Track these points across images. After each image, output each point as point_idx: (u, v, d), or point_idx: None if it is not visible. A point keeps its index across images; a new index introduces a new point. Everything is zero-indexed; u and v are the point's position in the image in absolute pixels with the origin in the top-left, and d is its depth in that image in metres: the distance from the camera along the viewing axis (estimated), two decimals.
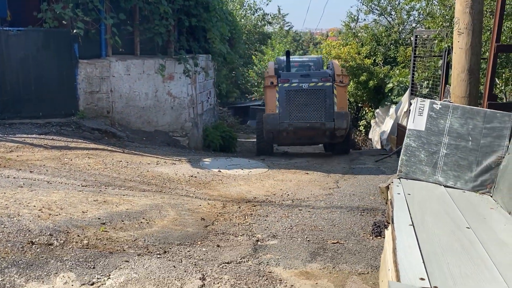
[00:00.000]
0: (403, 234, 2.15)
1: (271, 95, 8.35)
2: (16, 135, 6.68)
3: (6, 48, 7.33)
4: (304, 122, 8.28)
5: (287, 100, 8.27)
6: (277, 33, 31.85)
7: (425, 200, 2.80)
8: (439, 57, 9.60)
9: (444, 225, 2.34)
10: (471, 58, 4.57)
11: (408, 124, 3.34)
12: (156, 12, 8.63)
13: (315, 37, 41.19)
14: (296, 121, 8.27)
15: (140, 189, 5.10)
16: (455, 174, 3.18)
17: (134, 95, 8.71)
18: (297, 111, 8.28)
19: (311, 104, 8.29)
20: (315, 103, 8.30)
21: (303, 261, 3.52)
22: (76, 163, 5.80)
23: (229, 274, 3.16)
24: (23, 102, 7.55)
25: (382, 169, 7.83)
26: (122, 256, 3.24)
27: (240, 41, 15.50)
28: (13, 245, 3.14)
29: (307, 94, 8.27)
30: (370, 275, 3.34)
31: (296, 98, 8.31)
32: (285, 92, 8.24)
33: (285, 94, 8.24)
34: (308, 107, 8.27)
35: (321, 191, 5.91)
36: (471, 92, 4.62)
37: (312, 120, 8.28)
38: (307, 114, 8.28)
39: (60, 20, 7.55)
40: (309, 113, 8.29)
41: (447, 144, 3.22)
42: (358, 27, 17.81)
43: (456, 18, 4.65)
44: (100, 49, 8.31)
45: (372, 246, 3.91)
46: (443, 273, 1.79)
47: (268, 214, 4.71)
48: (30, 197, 4.15)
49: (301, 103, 8.28)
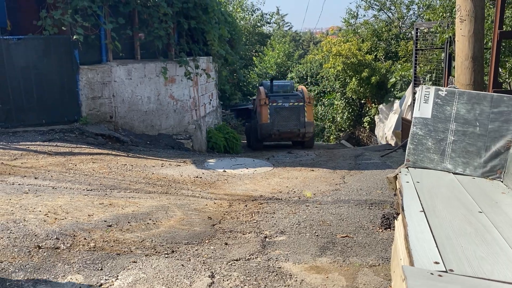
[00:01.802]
0: (414, 220, 2.11)
1: (264, 111, 11.79)
2: (20, 143, 6.68)
3: (7, 57, 7.34)
4: (286, 128, 11.92)
5: (275, 114, 11.84)
6: (276, 33, 31.85)
7: (434, 187, 2.75)
8: (441, 50, 9.54)
9: (456, 210, 2.29)
10: (474, 45, 4.51)
11: (414, 112, 3.29)
12: (155, 16, 8.63)
13: (315, 36, 41.15)
14: (281, 128, 11.84)
15: (145, 191, 5.07)
16: (464, 160, 3.12)
17: (137, 99, 8.70)
18: (281, 121, 11.84)
19: (290, 117, 11.91)
20: (292, 116, 11.92)
21: (312, 256, 3.47)
22: (81, 168, 5.79)
23: (238, 271, 3.11)
24: (26, 110, 7.55)
25: (388, 163, 7.77)
26: (129, 257, 3.21)
27: (240, 42, 15.49)
28: (20, 249, 3.12)
29: (287, 110, 11.93)
30: (381, 267, 3.29)
31: (280, 113, 11.88)
32: (274, 109, 11.83)
33: (274, 110, 11.84)
34: (288, 119, 11.90)
35: (328, 187, 5.86)
36: (475, 80, 4.56)
37: (291, 127, 11.94)
38: (288, 123, 11.90)
39: (59, 26, 7.56)
40: (289, 122, 11.90)
41: (455, 131, 3.17)
42: (358, 24, 17.76)
43: (458, 5, 4.59)
44: (101, 54, 8.31)
45: (382, 239, 3.86)
46: (457, 257, 1.74)
47: (275, 211, 4.67)
48: (36, 202, 4.14)
49: (284, 116, 11.88)
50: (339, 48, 15.26)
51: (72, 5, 7.45)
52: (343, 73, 15.94)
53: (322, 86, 20.80)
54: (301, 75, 23.83)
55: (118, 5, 8.22)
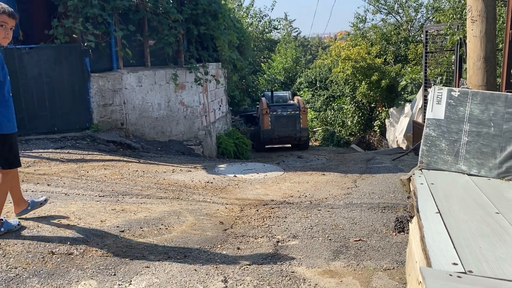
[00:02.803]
0: (430, 221, 2.08)
1: (266, 118, 13.78)
2: (33, 150, 6.75)
3: (20, 66, 7.43)
4: (284, 134, 13.83)
5: (275, 122, 13.75)
6: (284, 39, 31.87)
7: (449, 188, 2.71)
8: (451, 52, 9.47)
9: (472, 211, 2.25)
10: (486, 45, 4.46)
11: (427, 114, 3.25)
12: (164, 23, 8.69)
13: (323, 41, 41.12)
14: (280, 133, 13.73)
15: (157, 197, 5.08)
16: (479, 161, 3.08)
17: (147, 106, 8.75)
18: (280, 127, 13.72)
19: (288, 123, 13.84)
20: (290, 123, 13.85)
21: (326, 260, 3.44)
22: (93, 175, 5.82)
23: (252, 276, 3.09)
24: (38, 118, 7.63)
25: (400, 167, 7.71)
26: (142, 262, 3.21)
27: (248, 48, 15.54)
28: (34, 255, 3.13)
29: (286, 118, 13.85)
30: (396, 270, 3.25)
31: (280, 120, 13.79)
32: (274, 117, 13.76)
33: (274, 118, 13.76)
34: (286, 125, 13.83)
35: (339, 190, 5.82)
36: (488, 80, 4.51)
37: (289, 132, 13.88)
38: (286, 129, 13.82)
39: (70, 35, 7.65)
40: (287, 128, 13.83)
41: (468, 132, 3.13)
42: (367, 28, 17.72)
43: (469, 6, 4.55)
44: (111, 62, 8.38)
45: (396, 242, 3.81)
46: (476, 258, 1.71)
47: (287, 215, 4.64)
48: (49, 208, 4.16)
49: (282, 123, 13.79)
50: (348, 52, 15.23)
51: (83, 13, 7.54)
52: (352, 77, 15.90)
53: (332, 90, 20.77)
54: (310, 80, 23.81)
55: (128, 12, 8.30)
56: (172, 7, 8.64)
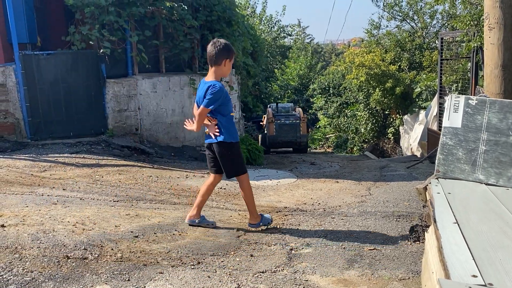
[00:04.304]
0: (447, 232, 2.04)
1: (271, 126, 16.05)
2: (49, 155, 6.84)
3: (38, 72, 7.56)
4: (287, 139, 16.07)
5: (279, 129, 16.01)
6: (297, 46, 31.89)
7: (467, 198, 2.67)
8: (467, 59, 9.37)
9: (491, 222, 2.21)
10: (504, 53, 4.40)
11: (444, 122, 3.21)
12: (179, 29, 8.76)
13: (336, 48, 41.06)
14: (283, 138, 15.93)
15: (171, 202, 5.10)
16: (497, 171, 3.03)
17: (161, 111, 8.82)
18: (283, 134, 15.94)
19: (290, 131, 16.10)
20: (292, 130, 16.13)
21: (340, 269, 3.41)
22: (107, 180, 5.87)
23: (265, 283, 3.08)
24: (54, 123, 7.74)
25: (414, 175, 7.62)
26: (156, 267, 3.22)
27: (262, 55, 15.59)
28: (50, 259, 3.16)
29: (288, 126, 16.14)
30: (412, 280, 3.20)
31: (283, 127, 16.04)
32: (278, 125, 16.04)
33: (278, 126, 16.04)
34: (289, 132, 16.07)
35: (353, 198, 5.77)
36: (506, 88, 4.44)
37: (290, 138, 16.11)
38: (288, 135, 16.06)
39: (87, 41, 7.77)
40: (289, 134, 16.06)
41: (486, 141, 3.09)
42: (381, 34, 17.64)
43: (486, 13, 4.51)
44: (127, 68, 8.48)
45: (411, 251, 3.76)
46: (497, 270, 1.68)
47: (300, 223, 4.62)
48: (64, 213, 4.20)
49: (285, 130, 16.03)
50: (362, 59, 15.16)
51: (99, 20, 7.65)
52: (366, 84, 15.82)
53: (345, 97, 20.69)
54: (323, 86, 23.76)
55: (144, 19, 8.39)
56: (188, 14, 8.72)
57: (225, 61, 3.99)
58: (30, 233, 3.57)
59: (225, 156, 4.04)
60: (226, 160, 4.06)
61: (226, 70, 4.06)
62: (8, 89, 7.45)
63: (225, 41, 4.02)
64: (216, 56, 3.96)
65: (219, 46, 3.94)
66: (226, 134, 4.02)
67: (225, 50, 3.95)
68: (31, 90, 7.53)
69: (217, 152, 4.07)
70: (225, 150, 4.04)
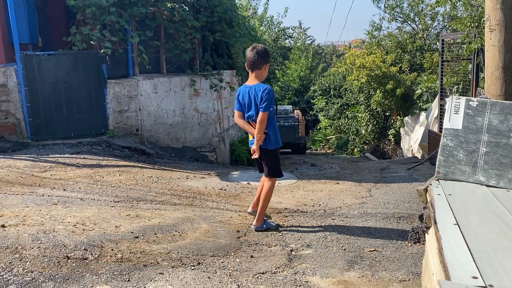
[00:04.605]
0: (448, 233, 2.04)
1: None
2: (50, 155, 6.84)
3: (39, 72, 7.57)
4: (286, 140, 15.85)
5: (278, 130, 16.07)
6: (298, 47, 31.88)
7: (467, 200, 2.66)
8: (467, 61, 9.37)
9: (492, 224, 2.21)
10: (505, 55, 4.41)
11: (444, 123, 3.21)
12: (180, 30, 8.77)
13: (337, 49, 41.07)
14: (282, 139, 15.87)
15: (171, 203, 5.10)
16: (497, 173, 3.03)
17: (162, 112, 8.82)
18: (282, 135, 16.86)
19: (288, 132, 16.79)
20: (290, 132, 16.88)
21: (340, 270, 3.41)
22: (108, 180, 5.87)
23: (265, 284, 3.08)
24: (55, 123, 7.75)
25: (415, 176, 7.62)
26: (156, 268, 3.22)
27: None
28: (50, 260, 3.17)
29: (287, 127, 16.80)
30: (412, 282, 3.20)
31: (282, 129, 15.60)
32: (277, 126, 15.87)
33: (278, 127, 15.89)
34: (287, 133, 16.59)
35: (354, 200, 5.77)
36: (507, 90, 4.44)
37: (289, 139, 16.65)
38: (287, 136, 16.42)
39: (88, 42, 7.77)
40: (287, 136, 16.47)
41: (487, 142, 3.08)
42: (382, 36, 17.65)
43: (487, 15, 4.51)
44: (128, 68, 8.48)
45: (411, 253, 3.76)
46: (497, 272, 1.67)
47: (301, 224, 4.62)
48: (65, 213, 4.21)
49: (284, 131, 16.18)
50: (363, 60, 15.17)
51: (101, 21, 7.66)
52: (367, 86, 15.82)
53: (346, 98, 20.69)
54: (324, 88, 23.77)
55: (145, 20, 8.40)
56: (189, 15, 8.73)
57: (265, 66, 4.17)
58: (31, 233, 3.57)
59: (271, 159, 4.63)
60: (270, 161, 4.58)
61: (265, 73, 4.24)
62: (9, 90, 7.46)
63: (264, 46, 4.17)
64: (257, 61, 4.10)
65: (260, 52, 4.07)
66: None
67: (265, 55, 4.11)
68: (32, 91, 7.54)
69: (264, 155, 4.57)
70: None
